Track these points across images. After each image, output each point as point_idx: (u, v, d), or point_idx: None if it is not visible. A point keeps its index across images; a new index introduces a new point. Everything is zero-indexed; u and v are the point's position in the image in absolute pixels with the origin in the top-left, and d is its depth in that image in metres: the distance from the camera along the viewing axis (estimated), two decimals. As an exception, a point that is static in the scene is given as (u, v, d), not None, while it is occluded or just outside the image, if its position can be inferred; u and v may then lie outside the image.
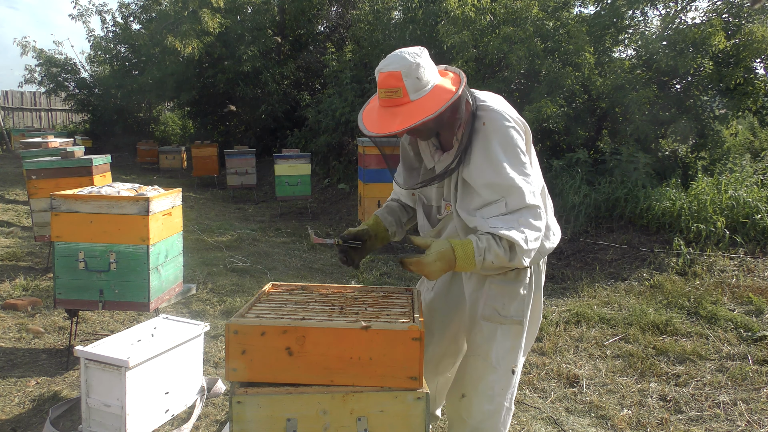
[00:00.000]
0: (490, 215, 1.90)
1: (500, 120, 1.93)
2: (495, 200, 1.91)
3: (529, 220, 1.87)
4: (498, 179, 1.89)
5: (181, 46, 12.38)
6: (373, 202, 6.88)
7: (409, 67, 1.86)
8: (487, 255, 1.85)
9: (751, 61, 7.47)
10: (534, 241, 1.88)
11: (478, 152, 1.93)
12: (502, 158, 1.90)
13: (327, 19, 15.60)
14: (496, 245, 1.85)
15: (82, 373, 2.79)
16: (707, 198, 6.21)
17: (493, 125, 1.92)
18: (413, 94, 1.87)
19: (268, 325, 1.81)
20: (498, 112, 1.95)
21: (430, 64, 1.92)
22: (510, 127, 1.93)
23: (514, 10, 8.03)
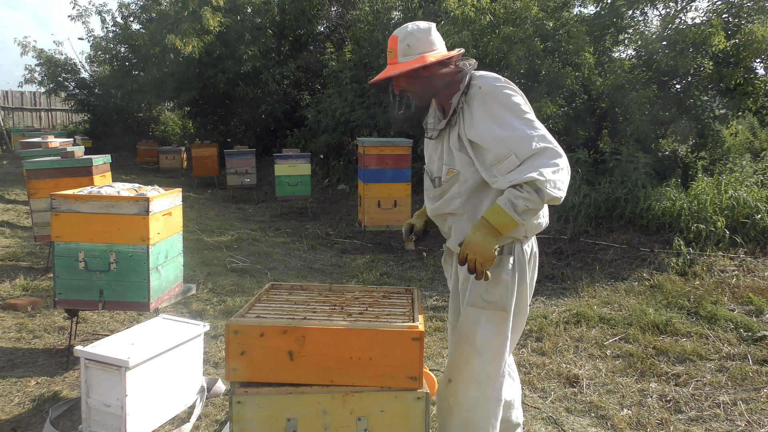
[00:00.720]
0: (507, 171, 2.00)
1: (493, 81, 2.11)
2: (505, 156, 2.00)
3: (540, 160, 1.95)
4: (501, 132, 2.01)
5: (182, 44, 12.38)
6: (373, 202, 6.88)
7: (405, 35, 2.15)
8: (517, 203, 1.94)
9: (751, 61, 7.46)
10: (552, 173, 1.93)
11: (479, 111, 2.08)
12: (502, 112, 2.04)
13: (327, 19, 15.60)
14: (519, 192, 1.94)
15: (82, 373, 2.79)
16: (707, 198, 6.21)
17: (487, 87, 2.10)
18: (401, 57, 2.15)
19: (268, 325, 1.81)
20: (490, 76, 2.14)
21: (428, 38, 2.15)
22: (500, 86, 2.09)
23: (514, 10, 8.02)
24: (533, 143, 1.98)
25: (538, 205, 1.96)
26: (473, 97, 2.11)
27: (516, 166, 1.98)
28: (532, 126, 2.03)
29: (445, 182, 2.23)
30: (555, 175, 1.94)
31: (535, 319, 4.57)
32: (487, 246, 1.97)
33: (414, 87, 2.19)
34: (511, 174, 1.98)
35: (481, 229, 1.99)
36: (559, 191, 1.95)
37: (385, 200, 6.93)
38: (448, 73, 2.17)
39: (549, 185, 1.93)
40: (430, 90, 2.21)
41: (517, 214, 1.95)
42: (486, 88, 2.09)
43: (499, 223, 1.97)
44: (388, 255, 6.85)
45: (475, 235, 1.99)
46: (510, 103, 2.06)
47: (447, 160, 2.22)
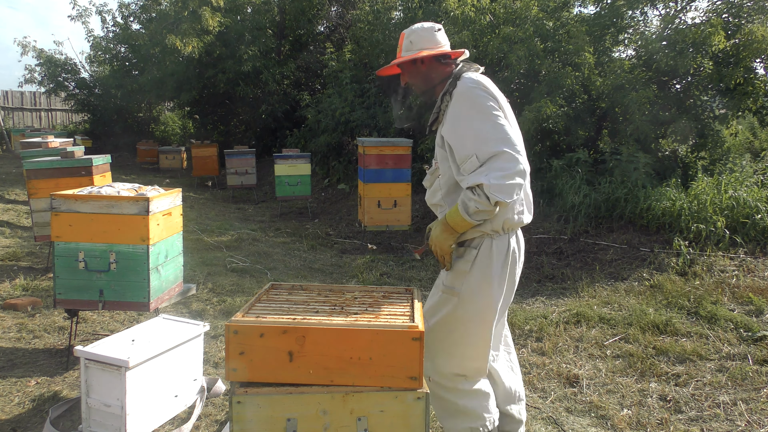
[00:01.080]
0: (469, 171, 2.14)
1: (466, 84, 2.23)
2: (468, 156, 2.14)
3: (497, 164, 2.08)
4: (467, 132, 2.16)
5: (181, 45, 12.38)
6: (373, 202, 6.88)
7: (410, 32, 2.39)
8: (468, 204, 2.11)
9: (751, 61, 7.46)
10: (501, 178, 2.05)
11: (452, 111, 2.25)
12: (470, 113, 2.18)
13: (327, 19, 15.60)
14: (471, 194, 2.10)
15: (82, 373, 2.79)
16: (707, 198, 6.21)
17: (461, 88, 2.23)
18: (404, 51, 2.38)
19: (268, 325, 1.81)
20: (469, 78, 2.25)
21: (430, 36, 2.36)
22: (473, 88, 2.21)
23: (514, 10, 8.02)
24: (494, 146, 2.09)
25: (487, 207, 2.09)
26: (452, 97, 2.26)
27: (477, 166, 2.11)
28: (496, 129, 2.12)
29: (430, 175, 2.49)
30: (503, 180, 2.05)
31: (535, 319, 4.57)
32: (443, 241, 2.22)
33: (413, 79, 2.40)
34: (471, 176, 2.12)
35: (440, 226, 2.23)
36: (504, 196, 2.05)
37: (385, 200, 6.93)
38: (445, 71, 2.36)
39: (494, 189, 2.04)
40: (428, 83, 2.38)
41: (468, 215, 2.12)
42: (460, 89, 2.23)
43: (453, 222, 2.18)
44: (388, 255, 6.85)
45: (435, 230, 2.25)
46: (479, 105, 2.17)
47: (434, 155, 2.45)
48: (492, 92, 2.23)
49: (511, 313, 4.72)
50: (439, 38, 2.37)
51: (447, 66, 2.36)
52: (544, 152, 8.46)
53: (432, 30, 2.36)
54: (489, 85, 2.26)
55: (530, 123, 7.32)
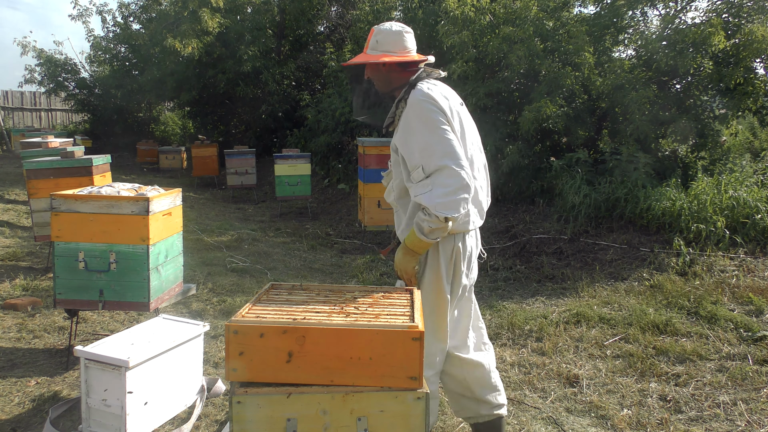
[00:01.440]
0: (417, 181, 2.25)
1: (417, 96, 2.29)
2: (415, 166, 2.25)
3: (440, 180, 2.17)
4: (415, 144, 2.24)
5: (181, 46, 12.38)
6: (373, 202, 6.88)
7: (378, 31, 2.43)
8: (422, 225, 2.21)
9: (751, 61, 7.45)
10: (444, 196, 2.15)
11: (403, 123, 2.33)
12: (418, 125, 2.25)
13: (327, 19, 15.60)
14: (423, 215, 2.20)
15: (82, 373, 2.79)
16: (707, 198, 6.21)
17: (413, 100, 2.29)
18: (370, 49, 2.43)
19: (267, 325, 1.81)
20: (420, 91, 2.30)
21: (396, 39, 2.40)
22: (423, 101, 2.27)
23: (514, 10, 8.02)
24: (438, 160, 2.18)
25: (439, 225, 2.18)
26: (405, 105, 2.33)
27: (423, 177, 2.22)
28: (441, 143, 2.20)
29: (385, 176, 2.62)
30: (446, 198, 2.15)
31: (535, 319, 4.57)
32: (407, 264, 2.31)
33: (376, 78, 2.47)
34: (417, 186, 2.24)
35: (401, 251, 2.32)
36: (451, 212, 2.15)
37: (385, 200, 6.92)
38: (405, 76, 2.41)
39: (440, 208, 2.15)
40: (387, 86, 2.46)
41: (424, 236, 2.22)
42: (411, 100, 2.29)
43: (413, 245, 2.27)
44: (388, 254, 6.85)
45: (398, 256, 2.33)
46: (427, 118, 2.24)
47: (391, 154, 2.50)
48: (441, 106, 2.27)
49: (511, 314, 4.72)
50: (406, 42, 2.41)
51: (408, 72, 2.42)
52: (544, 152, 8.46)
53: (400, 34, 2.40)
54: (439, 97, 2.30)
55: (530, 123, 7.31)
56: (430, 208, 2.15)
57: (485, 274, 6.08)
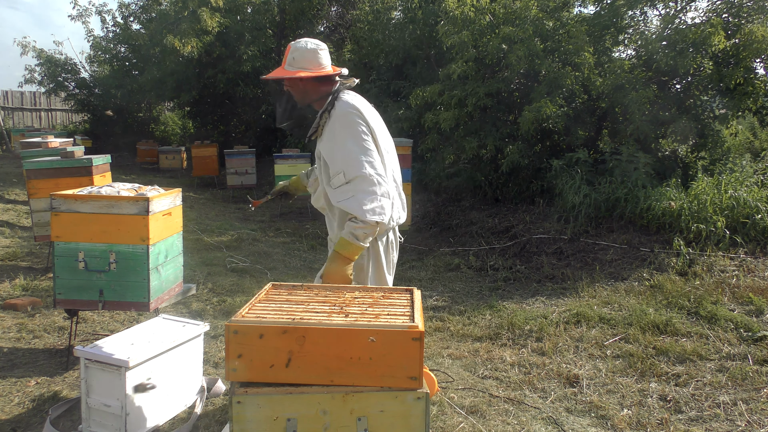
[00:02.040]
0: (336, 186, 2.45)
1: (344, 108, 2.51)
2: (337, 172, 2.44)
3: (362, 186, 2.38)
4: (338, 152, 2.45)
5: (180, 45, 12.37)
6: (373, 202, 6.87)
7: (295, 48, 2.59)
8: (357, 233, 2.36)
9: (751, 61, 7.45)
10: (370, 203, 2.36)
11: (328, 131, 2.53)
12: (343, 135, 2.46)
13: (327, 19, 15.60)
14: (354, 223, 2.36)
15: (82, 373, 2.79)
16: (707, 198, 6.21)
17: (339, 111, 2.51)
18: (287, 65, 2.60)
19: (267, 325, 1.81)
20: (346, 102, 2.53)
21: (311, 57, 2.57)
22: (350, 113, 2.49)
23: (514, 10, 8.02)
24: (359, 168, 2.39)
25: (371, 229, 2.37)
26: (330, 117, 2.54)
27: (343, 183, 2.42)
28: (364, 152, 2.43)
29: (311, 183, 2.84)
30: (372, 204, 2.36)
31: (535, 319, 4.57)
32: (342, 273, 2.40)
33: (294, 92, 2.65)
34: (337, 192, 2.44)
35: (335, 261, 2.40)
36: (378, 216, 2.36)
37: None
38: (323, 89, 2.60)
39: (369, 215, 2.34)
40: (306, 98, 2.64)
41: (359, 241, 2.38)
42: (337, 111, 2.51)
43: (348, 253, 2.39)
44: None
45: (331, 266, 2.41)
46: (352, 129, 2.46)
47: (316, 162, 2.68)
48: (365, 117, 2.50)
49: (511, 314, 4.72)
50: (321, 59, 2.58)
51: (325, 85, 2.60)
52: (544, 152, 8.46)
53: (315, 51, 2.57)
54: (363, 108, 2.54)
55: (530, 123, 7.31)
56: (360, 216, 2.34)
57: (485, 274, 6.08)
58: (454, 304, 5.11)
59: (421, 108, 8.72)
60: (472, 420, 3.11)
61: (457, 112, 8.03)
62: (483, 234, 7.39)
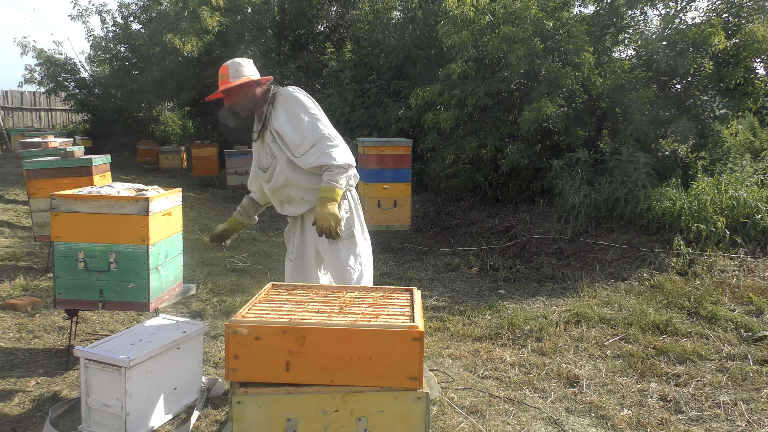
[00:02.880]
0: (302, 153, 2.90)
1: (289, 90, 3.04)
2: (300, 141, 2.90)
3: (325, 144, 2.89)
4: (296, 123, 2.92)
5: (180, 43, 12.38)
6: (374, 202, 6.88)
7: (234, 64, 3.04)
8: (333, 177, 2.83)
9: (752, 61, 7.45)
10: (337, 151, 2.88)
11: (280, 110, 2.98)
12: (295, 109, 2.96)
13: (327, 19, 15.59)
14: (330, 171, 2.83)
15: (82, 373, 2.79)
16: (707, 198, 6.21)
17: (284, 92, 3.03)
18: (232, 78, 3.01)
19: (267, 325, 1.81)
20: (291, 87, 3.05)
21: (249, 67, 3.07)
22: (296, 91, 3.02)
23: (514, 10, 8.02)
24: (318, 131, 2.90)
25: (344, 171, 2.86)
26: (276, 101, 3.01)
27: (310, 147, 2.88)
28: (316, 119, 2.94)
29: (269, 166, 3.09)
30: (343, 151, 2.90)
31: (535, 319, 4.57)
32: (334, 212, 2.80)
33: (239, 100, 3.05)
34: (308, 155, 2.88)
35: (323, 205, 2.80)
36: (351, 159, 2.92)
37: (385, 200, 6.92)
38: (262, 93, 3.07)
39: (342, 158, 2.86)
40: (250, 103, 3.06)
41: (338, 184, 2.83)
42: (284, 93, 3.01)
43: (332, 195, 2.82)
44: (388, 255, 6.85)
45: (322, 209, 2.80)
46: (301, 103, 2.97)
47: (268, 151, 3.08)
48: (306, 94, 3.03)
49: (511, 314, 4.72)
50: (254, 70, 3.08)
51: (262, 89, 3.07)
52: (544, 152, 8.46)
53: (251, 64, 3.08)
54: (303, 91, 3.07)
55: (530, 123, 7.31)
56: (333, 162, 2.82)
57: (485, 274, 6.08)
58: (454, 304, 5.10)
59: (421, 108, 8.72)
60: (472, 420, 3.11)
61: (457, 112, 8.03)
62: (483, 234, 7.39)
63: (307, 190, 3.00)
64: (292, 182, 3.02)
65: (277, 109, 2.98)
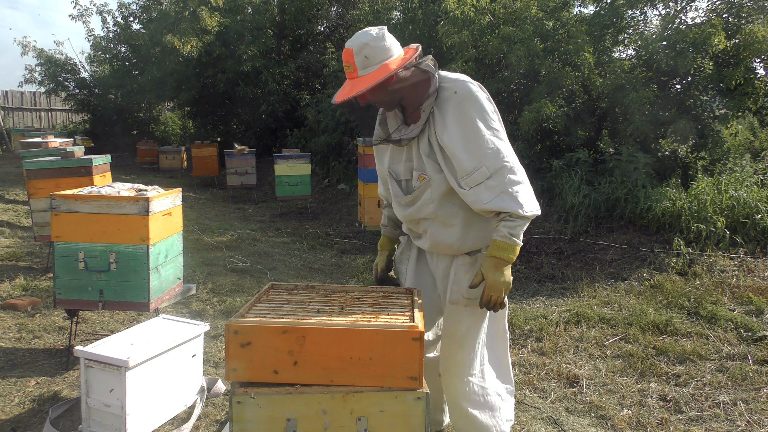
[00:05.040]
0: (476, 183, 2.05)
1: (471, 88, 2.10)
2: (475, 168, 2.04)
3: (509, 177, 2.04)
4: (474, 142, 2.04)
5: (180, 44, 12.38)
6: (373, 202, 6.88)
7: (360, 46, 2.03)
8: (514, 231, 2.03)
9: (752, 62, 7.44)
10: (524, 194, 2.04)
11: (453, 118, 2.08)
12: (477, 122, 2.06)
13: (327, 19, 15.60)
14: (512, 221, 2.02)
15: (82, 373, 2.79)
16: (707, 198, 6.21)
17: (465, 93, 2.09)
18: (361, 70, 2.04)
19: (268, 326, 1.81)
20: (467, 81, 2.12)
21: (383, 44, 2.04)
22: (479, 91, 2.11)
23: (514, 10, 8.02)
24: (501, 157, 2.05)
25: (527, 223, 2.07)
26: (446, 100, 2.09)
27: (486, 178, 2.03)
28: (499, 137, 2.08)
29: (417, 189, 2.23)
30: (526, 195, 2.05)
31: (535, 319, 4.57)
32: (509, 279, 2.08)
33: (381, 97, 2.12)
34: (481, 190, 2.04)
35: (498, 267, 2.06)
36: (536, 209, 2.07)
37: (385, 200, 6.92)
38: (412, 76, 2.09)
39: (525, 207, 2.03)
40: (397, 96, 2.14)
41: (518, 241, 2.05)
42: (463, 93, 2.09)
43: (510, 255, 2.05)
44: None
45: (495, 274, 2.06)
46: (484, 111, 2.08)
47: (417, 165, 2.22)
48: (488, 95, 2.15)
49: (511, 313, 4.72)
50: (391, 44, 2.07)
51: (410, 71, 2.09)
52: (544, 152, 8.45)
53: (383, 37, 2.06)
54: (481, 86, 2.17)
55: (530, 123, 7.31)
56: (518, 211, 2.01)
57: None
58: (454, 304, 5.10)
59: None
60: (472, 420, 3.11)
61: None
62: (483, 234, 7.38)
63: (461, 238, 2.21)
64: (440, 219, 2.22)
65: (448, 114, 2.08)
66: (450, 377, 2.32)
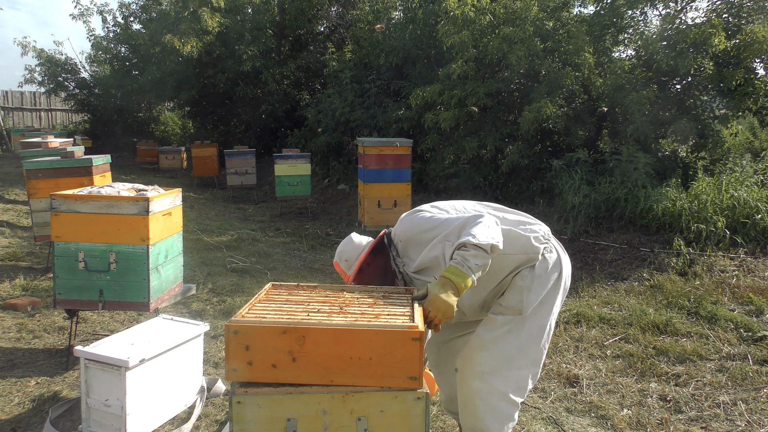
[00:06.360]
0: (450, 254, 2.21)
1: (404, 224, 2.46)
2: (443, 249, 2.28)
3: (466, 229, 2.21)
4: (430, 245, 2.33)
5: (180, 44, 12.37)
6: (373, 202, 6.88)
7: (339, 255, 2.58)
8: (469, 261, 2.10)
9: (752, 62, 7.44)
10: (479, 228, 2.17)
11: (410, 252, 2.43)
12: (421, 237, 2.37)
13: (327, 19, 15.60)
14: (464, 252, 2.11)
15: (82, 373, 2.79)
16: (707, 198, 6.21)
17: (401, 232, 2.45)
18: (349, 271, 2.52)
19: (268, 326, 1.81)
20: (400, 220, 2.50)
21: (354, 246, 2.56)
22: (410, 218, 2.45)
23: (514, 10, 8.02)
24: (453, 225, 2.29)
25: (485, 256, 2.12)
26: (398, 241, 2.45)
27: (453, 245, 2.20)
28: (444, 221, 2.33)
29: None
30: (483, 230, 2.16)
31: (535, 319, 4.56)
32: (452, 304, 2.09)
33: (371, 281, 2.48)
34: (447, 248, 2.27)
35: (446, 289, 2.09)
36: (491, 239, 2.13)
37: (385, 200, 6.93)
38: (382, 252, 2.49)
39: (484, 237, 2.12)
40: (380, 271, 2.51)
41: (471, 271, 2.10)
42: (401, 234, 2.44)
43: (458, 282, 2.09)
44: None
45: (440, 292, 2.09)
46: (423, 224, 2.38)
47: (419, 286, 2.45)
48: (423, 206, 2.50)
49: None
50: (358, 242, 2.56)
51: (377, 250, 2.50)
52: (544, 152, 8.45)
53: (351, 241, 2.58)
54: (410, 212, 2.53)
55: (530, 123, 7.31)
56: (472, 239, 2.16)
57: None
58: (454, 304, 5.10)
59: (421, 108, 8.72)
60: (472, 420, 3.11)
61: (456, 112, 8.03)
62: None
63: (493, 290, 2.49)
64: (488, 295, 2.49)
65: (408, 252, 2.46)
66: (467, 374, 2.39)
